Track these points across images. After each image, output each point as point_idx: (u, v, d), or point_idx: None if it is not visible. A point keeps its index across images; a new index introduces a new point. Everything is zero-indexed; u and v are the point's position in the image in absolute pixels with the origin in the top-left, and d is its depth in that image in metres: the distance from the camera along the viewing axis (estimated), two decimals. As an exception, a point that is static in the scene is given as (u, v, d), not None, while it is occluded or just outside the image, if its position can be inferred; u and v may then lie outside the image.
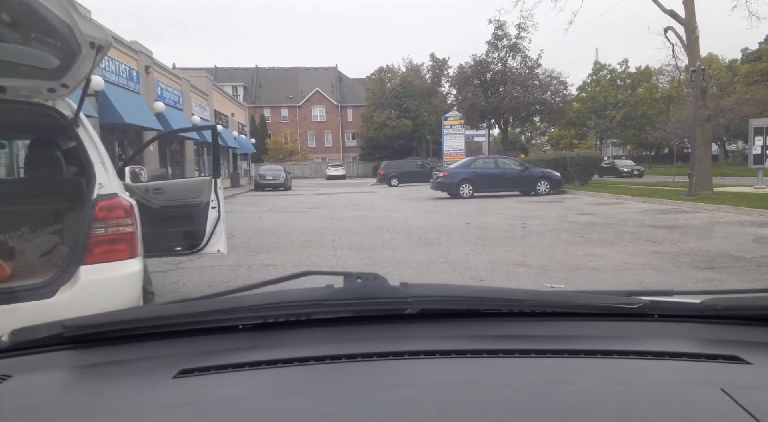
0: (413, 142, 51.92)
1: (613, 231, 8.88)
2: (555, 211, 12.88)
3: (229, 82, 61.10)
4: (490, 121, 30.08)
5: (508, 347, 0.94)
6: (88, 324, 1.03)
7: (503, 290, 1.39)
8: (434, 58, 53.01)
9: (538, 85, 27.65)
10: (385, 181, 32.67)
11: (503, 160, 19.25)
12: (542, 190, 18.06)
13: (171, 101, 20.76)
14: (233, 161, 35.41)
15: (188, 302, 1.13)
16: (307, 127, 63.35)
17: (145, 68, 17.88)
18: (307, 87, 63.44)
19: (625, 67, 51.41)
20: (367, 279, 1.03)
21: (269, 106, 62.48)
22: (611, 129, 48.85)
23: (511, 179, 18.13)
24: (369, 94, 52.39)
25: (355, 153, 61.60)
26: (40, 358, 0.99)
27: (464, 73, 29.15)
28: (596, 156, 20.18)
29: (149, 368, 0.93)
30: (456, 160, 39.87)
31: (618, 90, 48.96)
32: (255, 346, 1.00)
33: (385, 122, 49.85)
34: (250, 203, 18.97)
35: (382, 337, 1.03)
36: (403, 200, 18.38)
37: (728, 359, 0.89)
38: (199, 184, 5.13)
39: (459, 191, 17.83)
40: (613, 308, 1.10)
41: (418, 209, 14.50)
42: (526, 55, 28.29)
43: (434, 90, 52.34)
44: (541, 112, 28.40)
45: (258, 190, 28.34)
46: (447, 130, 40.71)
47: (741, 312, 1.10)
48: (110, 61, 14.84)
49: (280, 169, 29.76)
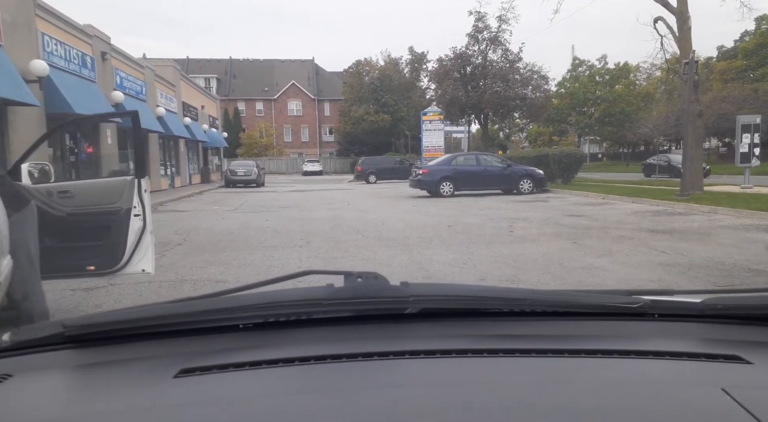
0: (392, 138, 50.96)
1: (610, 237, 8.07)
2: (541, 211, 12.09)
3: (202, 74, 59.24)
4: (470, 116, 29.28)
5: (508, 346, 0.93)
6: (88, 324, 1.04)
7: (504, 290, 1.35)
8: (413, 52, 52.07)
9: (519, 80, 26.93)
10: (362, 178, 31.70)
11: (485, 156, 18.43)
12: (525, 189, 17.31)
13: (132, 91, 19.38)
14: (203, 156, 33.93)
15: (189, 301, 1.10)
16: (283, 121, 61.85)
17: (101, 54, 16.50)
18: (282, 80, 61.87)
19: (603, 63, 51.29)
20: (368, 278, 1.02)
21: (243, 98, 60.77)
22: (590, 126, 48.68)
23: (493, 177, 17.33)
24: (346, 87, 51.20)
25: (332, 148, 60.39)
26: (41, 358, 0.98)
27: (444, 66, 28.26)
28: (579, 153, 19.54)
29: (150, 367, 0.92)
30: (435, 157, 39.15)
31: (597, 86, 48.79)
32: (256, 346, 0.99)
33: (363, 117, 48.74)
34: (216, 201, 17.79)
35: (382, 337, 1.03)
36: (380, 199, 17.44)
37: (729, 359, 0.88)
38: (118, 185, 4.08)
39: (439, 189, 16.96)
40: (614, 307, 1.10)
41: (396, 209, 13.57)
42: (507, 49, 27.56)
43: (413, 84, 51.39)
44: (522, 108, 27.70)
45: (228, 187, 27.07)
46: (426, 125, 39.87)
47: (742, 311, 1.09)
48: (59, 45, 13.50)
49: (252, 164, 28.48)
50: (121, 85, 18.10)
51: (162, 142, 24.03)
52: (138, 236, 4.03)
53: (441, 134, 40.51)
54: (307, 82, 62.59)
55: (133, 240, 4.02)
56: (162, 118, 22.18)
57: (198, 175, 31.47)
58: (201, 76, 58.38)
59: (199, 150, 32.37)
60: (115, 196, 4.02)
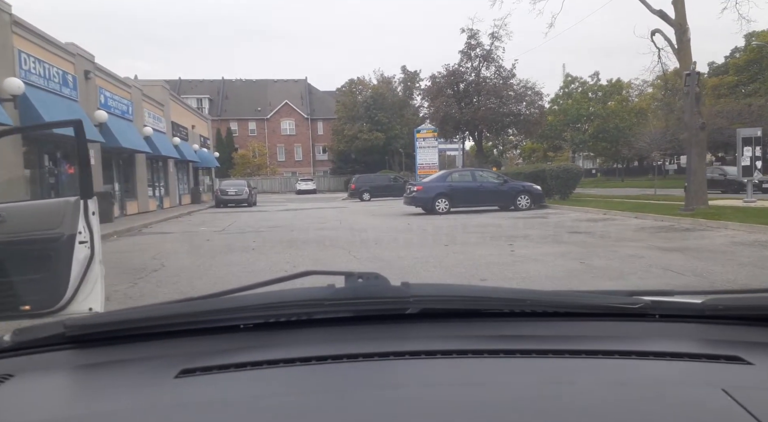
0: (386, 156, 50.64)
1: (618, 257, 7.52)
2: (541, 228, 11.55)
3: (194, 95, 59.04)
4: (464, 132, 28.95)
5: (509, 347, 0.93)
6: (89, 324, 1.04)
7: (504, 290, 1.30)
8: (405, 70, 52.17)
9: (512, 96, 26.67)
10: (356, 196, 31.22)
11: (481, 172, 17.95)
12: (523, 205, 16.81)
13: (118, 111, 18.87)
14: (194, 176, 33.36)
15: (190, 302, 1.10)
16: (276, 140, 61.53)
17: (85, 73, 16.01)
18: (276, 99, 61.74)
19: (596, 79, 51.50)
20: (369, 278, 1.02)
21: (236, 118, 60.50)
22: (584, 142, 48.58)
23: (490, 193, 16.83)
24: (339, 106, 51.05)
25: (326, 167, 60.03)
26: (42, 358, 0.99)
27: (437, 83, 28.02)
28: (577, 168, 19.11)
29: (151, 368, 0.92)
30: (430, 174, 38.93)
31: (590, 103, 48.84)
32: (256, 346, 0.99)
33: (356, 135, 48.46)
34: (205, 222, 17.17)
35: (383, 337, 1.03)
36: (374, 216, 16.88)
37: (729, 359, 0.88)
38: (60, 207, 3.49)
39: (434, 206, 16.43)
40: (615, 308, 1.09)
41: (391, 228, 13.00)
42: (500, 65, 27.40)
43: (406, 102, 51.35)
44: (516, 124, 27.39)
45: (219, 207, 26.46)
46: (420, 142, 39.47)
47: (742, 312, 1.08)
48: (37, 63, 12.99)
49: (243, 183, 27.93)
50: (105, 104, 17.59)
51: (150, 162, 23.48)
52: (84, 267, 3.43)
53: (435, 151, 40.13)
54: (300, 101, 62.48)
55: (79, 272, 3.41)
56: (150, 138, 21.63)
57: (188, 196, 30.85)
58: (193, 97, 58.15)
59: (189, 170, 31.80)
60: (56, 220, 3.42)
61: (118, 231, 13.48)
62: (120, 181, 19.74)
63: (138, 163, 21.42)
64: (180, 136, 28.14)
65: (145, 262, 8.31)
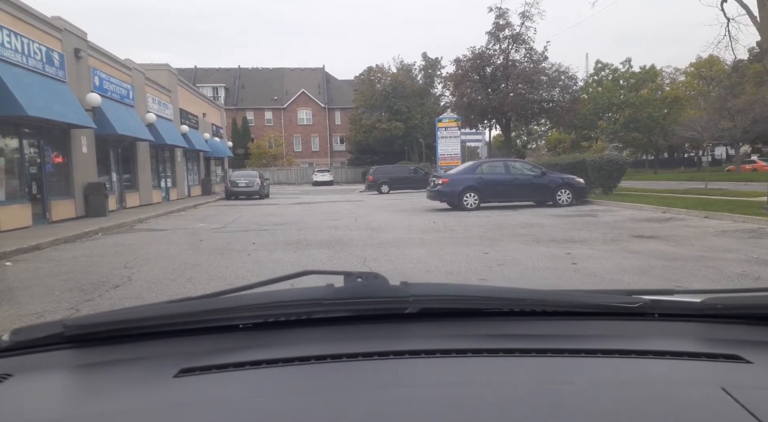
0: (405, 146, 48.72)
1: (723, 276, 5.63)
2: (596, 230, 9.64)
3: (210, 83, 57.84)
4: (491, 121, 26.89)
5: (508, 346, 0.93)
6: (88, 324, 1.03)
7: (504, 289, 1.27)
8: (426, 57, 49.99)
9: (544, 81, 24.51)
10: (374, 188, 29.49)
11: (514, 163, 16.01)
12: (563, 201, 14.85)
13: (116, 94, 17.34)
14: (205, 166, 31.93)
15: (189, 301, 1.08)
16: (293, 131, 60.03)
17: (75, 51, 14.46)
18: (292, 88, 60.17)
19: (627, 66, 48.68)
20: (368, 278, 1.01)
21: (252, 108, 59.11)
22: (615, 132, 45.97)
23: (525, 187, 14.92)
24: (357, 95, 49.17)
25: (343, 157, 58.40)
26: (41, 357, 0.98)
27: (462, 67, 25.96)
28: (623, 159, 17.01)
29: (150, 367, 0.92)
30: (451, 165, 36.90)
31: (621, 91, 46.13)
32: (256, 345, 0.99)
33: (374, 124, 46.57)
34: (207, 216, 15.59)
35: (382, 336, 1.03)
36: (394, 212, 15.10)
37: (729, 358, 0.88)
38: None
39: (462, 201, 14.58)
40: (614, 307, 1.09)
41: (414, 226, 11.22)
42: (531, 48, 25.20)
43: (427, 91, 49.24)
44: (548, 111, 25.23)
45: (229, 199, 24.98)
46: (441, 132, 37.48)
47: (741, 311, 1.08)
48: (13, 36, 11.43)
49: (255, 174, 26.35)
50: (100, 87, 16.05)
51: (155, 151, 22.01)
52: None
53: (457, 141, 38.12)
54: (318, 90, 60.81)
55: None
56: (153, 125, 20.15)
57: (199, 187, 29.44)
58: (209, 86, 56.94)
59: (199, 160, 30.36)
60: None
61: (106, 227, 11.94)
62: (119, 171, 18.24)
63: (140, 151, 19.93)
64: (189, 124, 26.66)
65: (112, 272, 6.68)
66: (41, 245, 9.02)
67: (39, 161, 12.84)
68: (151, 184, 21.11)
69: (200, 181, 30.08)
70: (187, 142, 24.90)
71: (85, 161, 14.90)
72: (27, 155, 12.34)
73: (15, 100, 10.63)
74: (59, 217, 13.27)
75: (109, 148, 17.55)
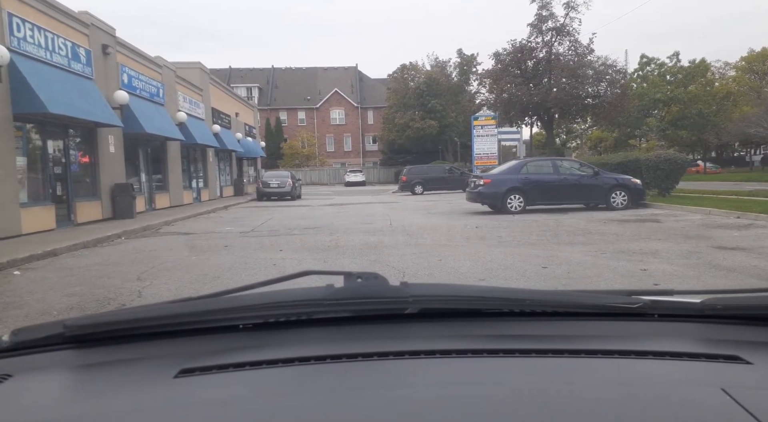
0: (439, 145, 47.58)
1: None
2: (669, 240, 8.42)
3: (244, 84, 57.97)
4: (532, 118, 25.55)
5: (508, 347, 0.93)
6: (89, 324, 1.03)
7: (504, 290, 1.27)
8: (462, 54, 48.75)
9: (590, 75, 23.05)
10: (408, 188, 28.54)
11: (563, 162, 14.80)
12: (618, 203, 13.58)
13: (145, 92, 16.93)
14: (238, 166, 31.62)
15: (189, 302, 1.08)
16: (326, 130, 59.64)
17: (102, 48, 14.04)
18: (325, 88, 59.78)
19: (675, 61, 46.24)
20: (368, 278, 1.01)
21: (285, 108, 58.98)
22: (662, 129, 43.65)
23: (575, 188, 13.71)
24: (390, 93, 48.31)
25: (376, 157, 57.65)
26: (41, 358, 0.98)
27: (502, 61, 24.72)
28: (682, 158, 15.56)
29: (150, 368, 0.92)
30: (487, 165, 35.54)
31: (669, 86, 43.79)
32: (256, 346, 0.99)
33: (408, 123, 45.60)
34: (236, 219, 14.96)
35: (382, 337, 1.02)
36: (431, 215, 14.14)
37: (729, 359, 0.88)
38: None
39: (506, 204, 13.49)
40: (614, 308, 1.09)
41: (454, 233, 10.24)
42: (576, 40, 23.77)
43: (462, 88, 47.98)
44: (594, 107, 23.75)
45: (261, 200, 24.47)
46: (477, 130, 36.26)
47: (741, 311, 1.08)
48: (35, 30, 10.99)
49: (287, 175, 25.77)
50: (129, 84, 15.64)
51: (186, 151, 21.63)
52: None
53: (494, 140, 36.85)
54: (351, 89, 60.25)
55: None
56: (184, 124, 19.74)
57: (231, 187, 29.11)
58: (243, 86, 57.05)
59: (232, 160, 30.04)
60: None
61: (131, 230, 11.38)
62: (148, 171, 17.85)
63: (170, 151, 19.54)
64: (221, 124, 26.31)
65: (122, 286, 5.96)
66: (57, 251, 8.44)
67: (64, 161, 12.41)
68: (182, 184, 20.72)
69: (232, 181, 29.76)
70: (219, 141, 24.52)
71: (112, 161, 14.47)
72: (51, 155, 11.91)
73: (36, 97, 10.15)
74: (85, 219, 12.83)
75: (139, 147, 17.17)
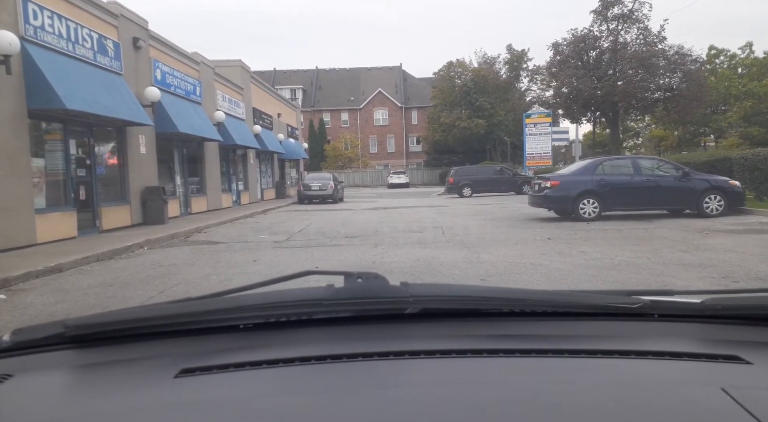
0: (486, 145, 45.52)
1: None
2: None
3: (288, 85, 57.60)
4: (595, 113, 23.36)
5: (508, 347, 0.93)
6: (89, 324, 1.03)
7: (504, 290, 1.30)
8: (511, 49, 46.52)
9: (662, 66, 20.72)
10: (455, 191, 26.82)
11: (645, 161, 12.82)
12: (712, 209, 11.53)
13: (180, 90, 16.03)
14: (280, 168, 30.74)
15: (189, 302, 1.09)
16: (369, 132, 58.51)
17: (133, 41, 13.13)
18: (369, 88, 58.67)
19: (748, 52, 42.50)
20: (368, 278, 1.01)
21: (329, 109, 58.25)
22: (733, 126, 40.09)
23: (660, 191, 11.75)
24: (436, 92, 46.60)
25: (419, 158, 56.06)
26: (42, 358, 0.98)
27: (561, 52, 22.67)
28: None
29: (150, 368, 0.92)
30: (540, 165, 33.38)
31: (742, 79, 40.19)
32: (256, 346, 0.99)
33: (454, 123, 43.77)
34: (273, 225, 13.74)
35: (382, 337, 1.03)
36: (487, 222, 12.48)
37: (728, 359, 0.89)
38: None
39: (578, 209, 11.67)
40: (614, 308, 1.10)
41: (523, 246, 8.58)
42: (646, 27, 21.47)
43: (511, 85, 45.74)
44: (668, 101, 21.37)
45: (303, 203, 23.39)
46: (530, 129, 34.20)
47: (741, 311, 1.08)
48: (55, 19, 10.06)
49: (329, 177, 24.58)
50: (162, 81, 14.73)
51: (225, 152, 20.73)
52: None
53: (548, 139, 34.59)
54: (395, 89, 58.91)
55: None
56: (222, 124, 18.80)
57: (273, 190, 28.22)
58: (287, 88, 56.66)
59: (273, 162, 29.16)
60: None
61: (155, 239, 10.29)
62: (184, 173, 16.94)
63: (208, 152, 18.63)
64: (263, 125, 25.41)
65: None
66: (63, 266, 7.33)
67: (89, 163, 11.48)
68: (220, 187, 19.80)
69: (274, 183, 28.87)
70: (259, 142, 23.59)
71: (143, 162, 13.54)
72: (74, 156, 10.98)
73: (53, 92, 9.17)
74: (111, 226, 11.88)
75: (174, 148, 16.27)
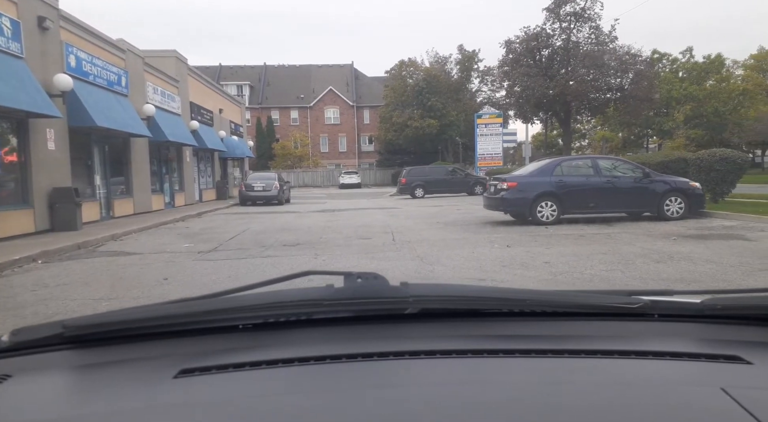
0: (439, 145, 45.06)
1: None
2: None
3: (234, 81, 55.33)
4: (547, 113, 23.03)
5: (508, 347, 0.93)
6: (88, 324, 1.03)
7: (504, 290, 1.27)
8: (462, 50, 46.22)
9: (614, 66, 20.55)
10: (407, 191, 25.99)
11: (605, 162, 12.23)
12: (673, 212, 11.05)
13: (102, 80, 14.30)
14: (222, 167, 28.96)
15: (188, 302, 1.08)
16: (320, 130, 57.04)
17: (38, 20, 11.42)
18: (319, 86, 57.18)
19: (688, 56, 43.95)
20: (368, 278, 1.01)
21: (277, 106, 56.38)
22: (675, 129, 41.31)
23: (621, 193, 11.17)
24: (388, 91, 45.75)
25: (372, 158, 55.11)
26: (41, 358, 0.98)
27: (513, 50, 22.18)
28: (742, 157, 13.07)
29: (150, 368, 0.92)
30: (491, 165, 33.06)
31: (683, 83, 41.46)
32: (255, 346, 0.99)
33: (406, 122, 43.03)
34: (204, 230, 12.31)
35: (382, 337, 1.02)
36: (441, 227, 11.56)
37: (728, 359, 0.88)
38: None
39: (536, 213, 10.92)
40: (614, 308, 1.09)
41: (481, 254, 7.65)
42: (597, 26, 21.28)
43: (463, 86, 45.48)
44: (618, 101, 21.24)
45: (245, 204, 21.88)
46: (481, 129, 33.85)
47: (741, 311, 1.08)
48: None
49: (273, 177, 23.15)
50: (78, 68, 13.00)
51: (156, 149, 18.97)
52: None
53: (499, 140, 34.37)
54: (346, 87, 57.71)
55: None
56: (153, 119, 17.11)
57: (213, 191, 26.47)
58: (233, 84, 54.41)
59: (214, 161, 27.38)
60: None
61: (55, 250, 8.73)
62: (105, 173, 15.17)
63: (135, 150, 16.88)
64: (202, 120, 23.69)
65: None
66: None
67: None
68: (150, 188, 18.05)
69: (215, 183, 27.12)
70: (197, 139, 21.89)
71: (51, 160, 11.81)
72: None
73: None
74: (8, 233, 10.17)
75: (93, 144, 14.50)
